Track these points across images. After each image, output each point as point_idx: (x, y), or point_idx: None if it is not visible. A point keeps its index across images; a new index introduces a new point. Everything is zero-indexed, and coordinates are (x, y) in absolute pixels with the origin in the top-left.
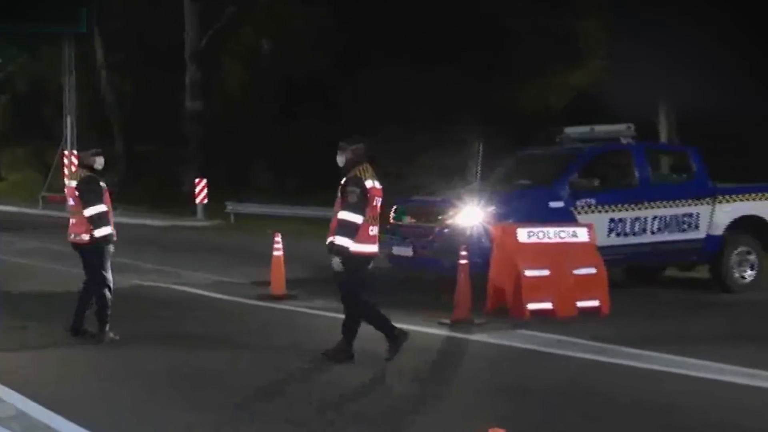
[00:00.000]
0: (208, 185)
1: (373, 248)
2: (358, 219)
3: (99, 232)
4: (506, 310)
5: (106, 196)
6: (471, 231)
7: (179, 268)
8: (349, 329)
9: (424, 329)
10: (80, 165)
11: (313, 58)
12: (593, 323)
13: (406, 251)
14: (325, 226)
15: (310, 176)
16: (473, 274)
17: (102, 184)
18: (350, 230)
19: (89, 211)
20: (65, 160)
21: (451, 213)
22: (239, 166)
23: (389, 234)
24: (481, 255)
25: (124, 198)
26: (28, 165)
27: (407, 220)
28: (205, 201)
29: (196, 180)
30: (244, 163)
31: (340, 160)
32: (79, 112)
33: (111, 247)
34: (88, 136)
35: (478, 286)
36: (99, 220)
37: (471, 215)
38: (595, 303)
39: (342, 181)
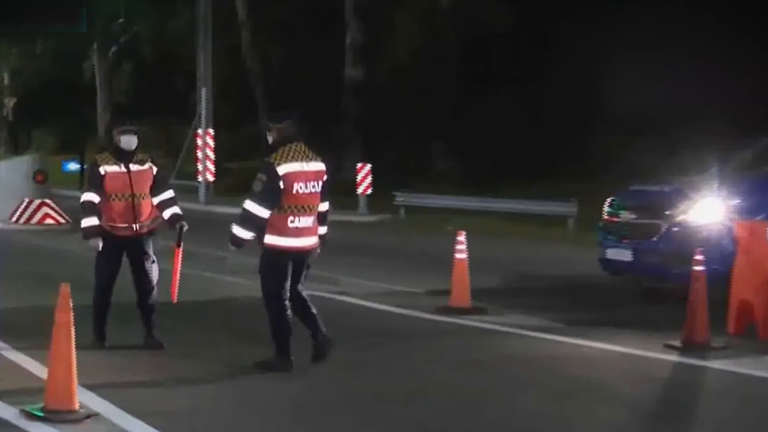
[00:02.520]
0: (373, 172)
1: (293, 242)
2: (260, 211)
3: (82, 223)
4: (755, 331)
5: (123, 181)
6: (709, 230)
7: (339, 273)
8: (279, 337)
9: (647, 353)
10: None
11: (505, 14)
12: None
13: (624, 254)
14: (521, 221)
15: (503, 161)
16: (711, 285)
17: (115, 167)
18: (249, 221)
19: (82, 198)
20: (199, 141)
21: (682, 206)
22: (411, 149)
23: (602, 232)
24: (722, 260)
25: None
26: (155, 146)
27: (626, 215)
28: (369, 191)
29: (358, 166)
30: (417, 144)
31: (269, 140)
32: (216, 83)
33: (94, 243)
34: (226, 111)
35: (717, 300)
36: (82, 210)
37: (709, 209)
38: None
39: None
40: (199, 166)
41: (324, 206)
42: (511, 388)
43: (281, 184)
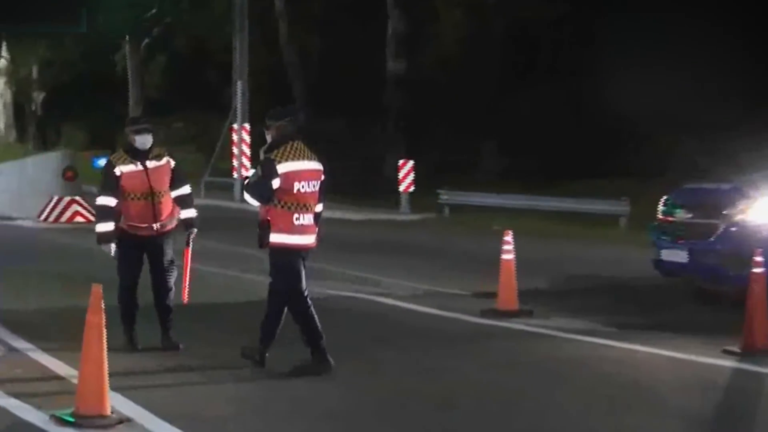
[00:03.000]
0: (416, 169)
1: (299, 240)
2: (252, 201)
3: (96, 227)
4: None
5: (141, 179)
6: None
7: (380, 274)
8: (266, 330)
9: (702, 359)
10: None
11: (551, 9)
12: None
13: (679, 255)
14: (569, 221)
15: (551, 157)
16: None
17: (131, 166)
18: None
19: (96, 201)
20: (234, 136)
21: (741, 205)
22: (456, 145)
23: (656, 233)
24: None
25: None
26: (188, 142)
27: (681, 214)
28: (412, 189)
29: (400, 162)
30: (462, 140)
31: (268, 139)
32: (252, 77)
33: (107, 249)
34: (262, 105)
35: None
36: (97, 214)
37: None
38: None
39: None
40: (235, 162)
41: (319, 207)
42: (555, 394)
43: (276, 182)
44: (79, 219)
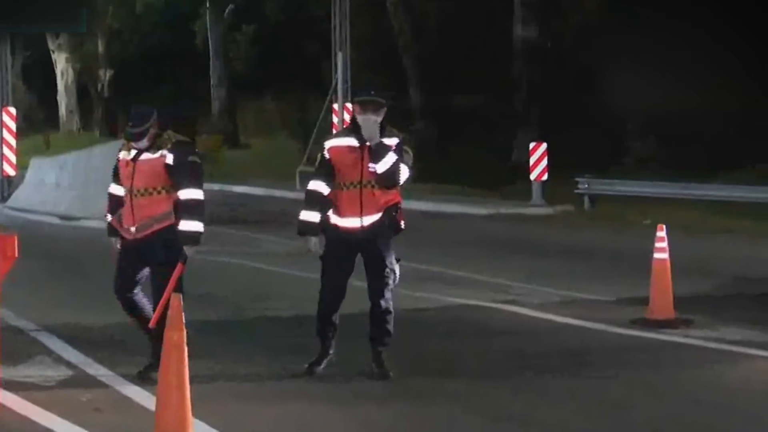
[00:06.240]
0: (550, 153)
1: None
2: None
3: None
4: None
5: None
6: None
7: (509, 278)
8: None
9: None
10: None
11: None
12: None
13: None
14: (735, 213)
15: (714, 139)
16: None
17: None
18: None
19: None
20: (335, 118)
21: None
22: (597, 125)
23: None
24: None
25: (426, 175)
26: (280, 125)
27: None
28: (545, 177)
29: (531, 146)
30: (606, 120)
31: (377, 118)
32: (356, 48)
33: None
34: (368, 82)
35: None
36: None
37: None
38: None
39: (386, 144)
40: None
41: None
42: (731, 425)
43: None
44: None
